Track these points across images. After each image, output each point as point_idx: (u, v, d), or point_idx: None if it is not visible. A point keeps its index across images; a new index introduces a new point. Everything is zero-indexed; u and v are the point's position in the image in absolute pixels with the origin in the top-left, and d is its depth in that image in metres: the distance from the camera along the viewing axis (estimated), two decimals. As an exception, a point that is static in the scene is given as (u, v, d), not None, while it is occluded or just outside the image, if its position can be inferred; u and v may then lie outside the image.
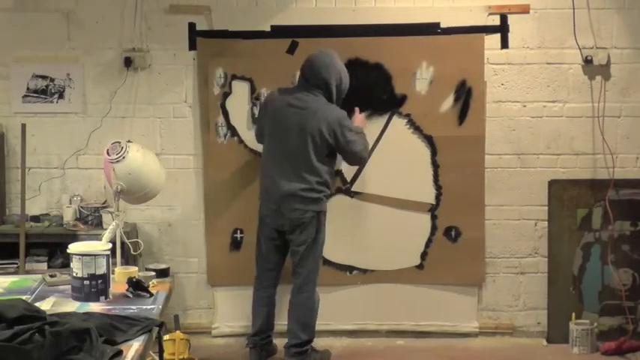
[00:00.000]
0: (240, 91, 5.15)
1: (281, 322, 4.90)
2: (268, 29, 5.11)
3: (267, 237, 4.74)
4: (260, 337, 4.82)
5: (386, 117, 5.15)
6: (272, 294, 4.85)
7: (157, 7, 5.14)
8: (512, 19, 5.10)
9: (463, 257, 5.19)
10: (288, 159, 4.59)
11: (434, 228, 5.20)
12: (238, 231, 5.20)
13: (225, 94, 5.15)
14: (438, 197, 5.18)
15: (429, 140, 5.16)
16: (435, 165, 5.16)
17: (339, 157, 4.75)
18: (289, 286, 4.82)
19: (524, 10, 5.10)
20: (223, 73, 5.13)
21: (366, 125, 4.96)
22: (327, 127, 4.55)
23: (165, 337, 4.49)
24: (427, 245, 5.22)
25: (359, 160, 4.83)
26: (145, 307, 3.25)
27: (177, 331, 4.77)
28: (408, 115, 5.15)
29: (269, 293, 4.83)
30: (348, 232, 5.21)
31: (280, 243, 4.74)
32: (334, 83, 4.66)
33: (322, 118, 4.56)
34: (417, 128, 5.15)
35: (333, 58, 4.69)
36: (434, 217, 5.20)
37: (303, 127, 4.56)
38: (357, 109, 4.93)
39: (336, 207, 5.18)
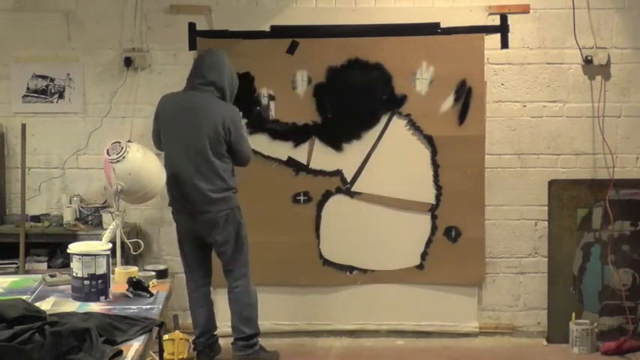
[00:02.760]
0: (240, 91, 5.14)
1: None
2: (268, 29, 5.11)
3: (186, 239, 4.70)
4: (205, 338, 4.77)
5: (386, 117, 5.15)
6: (207, 293, 4.81)
7: (157, 7, 5.15)
8: (512, 19, 5.10)
9: (463, 257, 5.19)
10: (190, 161, 4.48)
11: (434, 228, 5.20)
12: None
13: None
14: (438, 197, 5.18)
15: (429, 140, 5.16)
16: (435, 165, 5.17)
17: None
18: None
19: (524, 10, 5.10)
20: (223, 73, 5.12)
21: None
22: (222, 124, 4.46)
23: (165, 337, 4.49)
24: (427, 245, 5.22)
25: (246, 160, 4.69)
26: (144, 307, 3.24)
27: (177, 331, 4.77)
28: (408, 115, 5.15)
29: (204, 292, 4.78)
30: (348, 232, 5.22)
31: (200, 242, 4.67)
32: (227, 82, 4.58)
33: (217, 115, 4.47)
34: (417, 128, 5.16)
35: (223, 57, 4.61)
36: (434, 217, 5.20)
37: (199, 126, 4.47)
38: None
39: (336, 207, 5.19)
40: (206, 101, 4.52)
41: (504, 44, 5.13)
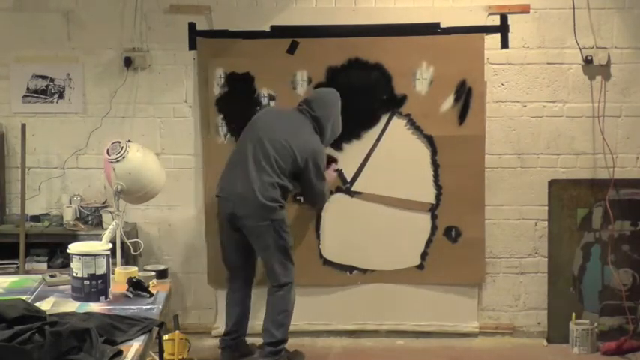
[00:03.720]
0: (240, 91, 5.14)
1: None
2: (268, 29, 5.11)
3: (227, 241, 4.76)
4: (231, 337, 4.80)
5: (386, 117, 5.15)
6: (244, 295, 4.83)
7: (157, 7, 5.14)
8: (512, 19, 5.10)
9: (463, 257, 5.19)
10: (256, 161, 4.56)
11: (434, 228, 5.20)
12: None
13: (226, 94, 5.14)
14: (438, 197, 5.18)
15: (429, 140, 5.16)
16: (435, 165, 5.16)
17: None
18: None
19: (524, 10, 5.10)
20: (223, 73, 5.13)
21: (333, 182, 5.01)
22: (303, 154, 4.55)
23: (165, 337, 4.49)
24: (427, 245, 5.22)
25: (316, 201, 4.84)
26: (144, 307, 3.25)
27: (177, 331, 4.77)
28: (408, 115, 5.15)
29: (241, 295, 4.81)
30: (348, 232, 5.22)
31: (242, 244, 4.70)
32: (330, 125, 4.70)
33: (304, 144, 4.58)
34: (417, 128, 5.16)
35: (336, 100, 4.76)
36: (434, 217, 5.20)
37: (282, 139, 4.57)
38: (333, 165, 4.99)
39: (336, 207, 5.19)
40: (304, 126, 4.64)
41: (504, 44, 5.13)
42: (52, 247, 5.06)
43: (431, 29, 5.08)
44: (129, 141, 4.36)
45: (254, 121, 4.78)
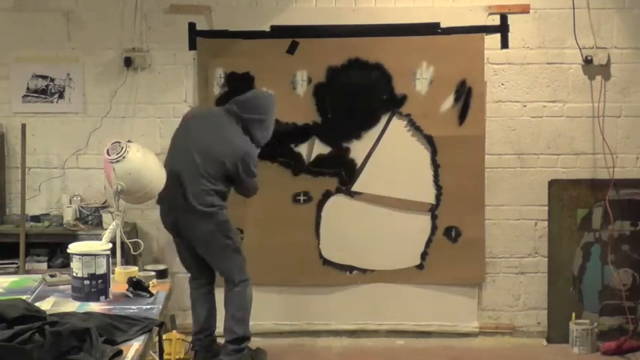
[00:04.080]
0: (240, 91, 5.14)
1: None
2: (268, 29, 5.11)
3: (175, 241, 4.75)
4: (203, 336, 4.75)
5: (386, 117, 5.15)
6: (207, 292, 4.78)
7: (157, 7, 5.14)
8: (512, 19, 5.10)
9: (463, 257, 5.19)
10: (185, 168, 4.49)
11: (434, 228, 5.20)
12: (238, 231, 5.19)
13: (225, 94, 5.14)
14: (438, 197, 5.18)
15: (429, 140, 5.16)
16: (435, 165, 5.16)
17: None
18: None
19: (524, 10, 5.10)
20: (223, 73, 5.13)
21: None
22: (233, 158, 4.47)
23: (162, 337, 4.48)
24: (427, 245, 5.22)
25: (248, 193, 4.74)
26: (144, 307, 3.24)
27: (174, 331, 4.77)
28: (408, 115, 5.15)
29: (204, 291, 4.77)
30: (348, 232, 5.22)
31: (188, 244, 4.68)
32: (261, 128, 4.59)
33: (234, 148, 4.48)
34: (417, 128, 5.15)
35: (273, 106, 4.64)
36: (434, 217, 5.20)
37: (210, 144, 4.49)
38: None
39: (336, 207, 5.19)
40: (230, 128, 4.53)
41: (504, 44, 5.13)
42: (52, 247, 5.06)
43: (431, 29, 5.08)
44: (129, 141, 4.35)
45: (183, 126, 4.67)
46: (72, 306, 3.20)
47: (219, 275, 4.72)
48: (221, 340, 4.76)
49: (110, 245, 3.45)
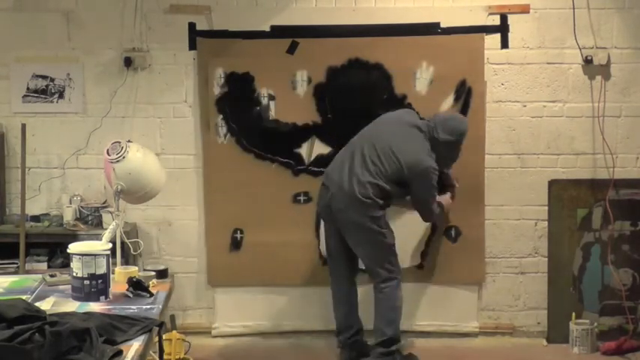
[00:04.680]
0: (240, 91, 5.15)
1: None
2: (268, 29, 5.11)
3: (327, 233, 4.80)
4: (344, 336, 4.79)
5: (386, 117, 5.15)
6: (347, 292, 4.80)
7: (157, 7, 5.14)
8: (512, 19, 5.10)
9: (463, 257, 5.19)
10: (362, 163, 4.55)
11: (434, 228, 5.20)
12: (238, 231, 5.20)
13: (225, 94, 5.14)
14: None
15: (429, 140, 5.16)
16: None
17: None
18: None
19: (524, 10, 5.10)
20: (223, 73, 5.13)
21: (447, 209, 4.93)
22: (408, 168, 4.51)
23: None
24: (427, 245, 5.22)
25: (424, 213, 4.73)
26: (144, 307, 3.25)
27: (174, 331, 4.77)
28: (408, 115, 5.15)
29: (344, 291, 4.79)
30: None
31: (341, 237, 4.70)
32: (446, 150, 4.63)
33: (418, 157, 4.53)
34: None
35: (462, 133, 4.68)
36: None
37: (395, 150, 4.54)
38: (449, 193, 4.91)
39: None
40: (418, 141, 4.58)
41: (504, 44, 5.13)
42: (52, 247, 5.06)
43: (431, 29, 5.08)
44: (129, 141, 4.36)
45: (374, 122, 4.76)
46: (72, 306, 3.21)
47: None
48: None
49: (110, 245, 3.45)
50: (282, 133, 5.15)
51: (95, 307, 3.20)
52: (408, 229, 5.19)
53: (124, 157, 4.14)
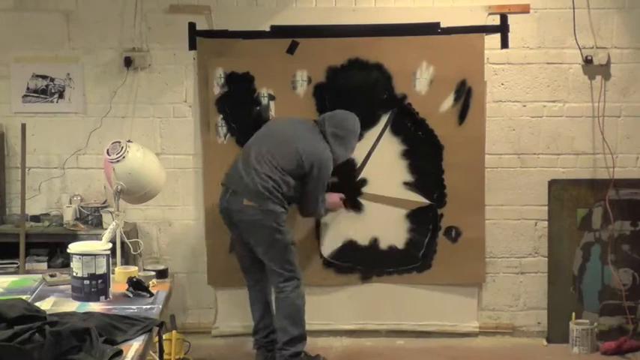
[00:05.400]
0: (240, 91, 5.15)
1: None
2: (268, 29, 5.11)
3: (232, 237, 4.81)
4: (260, 335, 4.81)
5: (386, 117, 5.15)
6: (261, 289, 4.81)
7: (157, 7, 5.14)
8: (512, 19, 5.10)
9: (463, 257, 5.19)
10: (258, 159, 4.55)
11: (434, 228, 5.20)
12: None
13: (225, 94, 5.14)
14: (438, 197, 5.17)
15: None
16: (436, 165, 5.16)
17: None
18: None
19: (524, 10, 5.10)
20: (223, 73, 5.13)
21: (333, 204, 4.97)
22: (309, 159, 4.53)
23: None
24: (427, 245, 5.22)
25: (307, 211, 4.76)
26: (144, 307, 3.25)
27: (174, 331, 4.77)
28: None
29: (258, 289, 4.81)
30: (348, 232, 5.21)
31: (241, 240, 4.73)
32: (341, 145, 4.67)
33: (313, 151, 4.56)
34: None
35: (356, 129, 4.76)
36: (434, 217, 5.19)
37: (289, 142, 4.57)
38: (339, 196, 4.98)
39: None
40: (315, 134, 4.64)
41: (504, 44, 5.13)
42: (52, 247, 5.06)
43: (431, 29, 5.08)
44: (129, 141, 4.36)
45: (265, 125, 4.85)
46: (72, 306, 3.21)
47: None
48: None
49: (110, 245, 3.45)
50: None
51: (95, 307, 3.20)
52: (407, 229, 5.20)
53: (124, 157, 4.14)
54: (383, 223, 5.21)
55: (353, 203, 5.19)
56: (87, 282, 3.28)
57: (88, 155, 5.22)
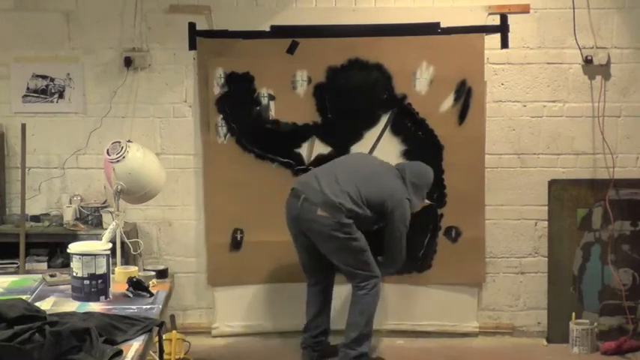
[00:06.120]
0: (240, 91, 5.14)
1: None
2: (268, 29, 5.11)
3: (294, 238, 4.77)
4: (310, 335, 4.80)
5: (386, 117, 5.15)
6: (321, 290, 4.80)
7: (157, 7, 5.15)
8: (512, 19, 5.11)
9: (463, 257, 5.19)
10: (341, 180, 4.54)
11: (434, 228, 5.20)
12: (238, 231, 5.20)
13: (225, 94, 5.14)
14: (438, 197, 5.17)
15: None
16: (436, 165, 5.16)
17: None
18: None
19: (524, 10, 5.10)
20: (223, 73, 5.13)
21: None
22: (390, 196, 4.54)
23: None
24: (427, 245, 5.22)
25: (391, 263, 4.75)
26: (144, 307, 3.25)
27: (174, 331, 4.77)
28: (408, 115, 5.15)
29: (318, 289, 4.80)
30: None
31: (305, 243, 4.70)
32: (414, 193, 4.67)
33: (397, 193, 4.58)
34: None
35: (428, 178, 4.81)
36: (434, 217, 5.19)
37: (379, 178, 4.60)
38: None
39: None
40: (397, 178, 4.66)
41: (504, 44, 5.13)
42: (52, 247, 5.06)
43: (431, 29, 5.08)
44: (129, 141, 4.36)
45: (350, 155, 4.98)
46: (72, 306, 3.21)
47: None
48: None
49: (110, 245, 3.45)
50: (282, 133, 5.15)
51: (95, 307, 3.20)
52: (407, 230, 5.19)
53: (124, 157, 4.14)
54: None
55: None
56: (87, 282, 3.28)
57: (88, 155, 5.22)
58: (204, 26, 5.14)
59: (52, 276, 3.62)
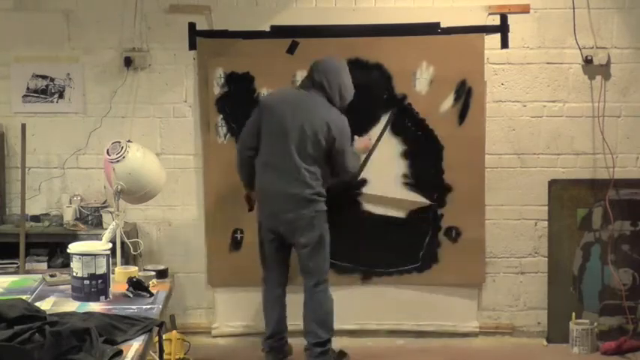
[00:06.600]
0: (240, 91, 5.14)
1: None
2: (268, 29, 5.11)
3: (267, 239, 4.72)
4: (275, 340, 4.79)
5: (386, 117, 5.15)
6: (281, 294, 4.81)
7: (157, 7, 5.14)
8: (512, 19, 5.11)
9: (463, 257, 5.19)
10: (285, 160, 4.51)
11: (434, 228, 5.20)
12: (238, 231, 5.20)
13: (225, 94, 5.14)
14: (438, 197, 5.17)
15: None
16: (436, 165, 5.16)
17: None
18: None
19: (524, 10, 5.10)
20: (223, 73, 5.13)
21: (367, 150, 4.98)
22: (325, 128, 4.49)
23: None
24: (427, 245, 5.21)
25: (348, 175, 4.75)
26: (144, 307, 3.25)
27: (174, 331, 4.77)
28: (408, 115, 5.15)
29: (278, 294, 4.80)
30: (348, 232, 5.21)
31: (279, 244, 4.70)
32: (337, 88, 4.60)
33: (321, 118, 4.51)
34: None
35: (343, 66, 4.68)
36: (434, 217, 5.19)
37: (301, 125, 4.49)
38: (355, 136, 4.82)
39: (337, 207, 5.17)
40: (315, 102, 4.55)
41: (504, 44, 5.13)
42: (52, 247, 5.06)
43: (431, 29, 5.08)
44: (129, 141, 4.36)
45: (268, 113, 4.59)
46: (72, 306, 3.21)
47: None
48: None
49: (110, 245, 3.45)
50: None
51: (95, 307, 3.20)
52: (408, 229, 5.20)
53: (124, 157, 4.14)
54: (383, 223, 5.20)
55: (352, 205, 5.19)
56: (87, 282, 3.28)
57: (88, 155, 5.22)
58: (204, 26, 5.14)
59: (52, 276, 3.62)
